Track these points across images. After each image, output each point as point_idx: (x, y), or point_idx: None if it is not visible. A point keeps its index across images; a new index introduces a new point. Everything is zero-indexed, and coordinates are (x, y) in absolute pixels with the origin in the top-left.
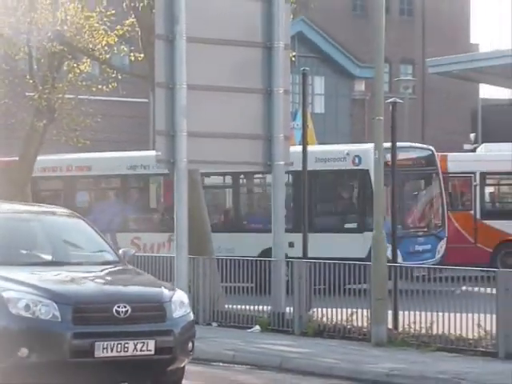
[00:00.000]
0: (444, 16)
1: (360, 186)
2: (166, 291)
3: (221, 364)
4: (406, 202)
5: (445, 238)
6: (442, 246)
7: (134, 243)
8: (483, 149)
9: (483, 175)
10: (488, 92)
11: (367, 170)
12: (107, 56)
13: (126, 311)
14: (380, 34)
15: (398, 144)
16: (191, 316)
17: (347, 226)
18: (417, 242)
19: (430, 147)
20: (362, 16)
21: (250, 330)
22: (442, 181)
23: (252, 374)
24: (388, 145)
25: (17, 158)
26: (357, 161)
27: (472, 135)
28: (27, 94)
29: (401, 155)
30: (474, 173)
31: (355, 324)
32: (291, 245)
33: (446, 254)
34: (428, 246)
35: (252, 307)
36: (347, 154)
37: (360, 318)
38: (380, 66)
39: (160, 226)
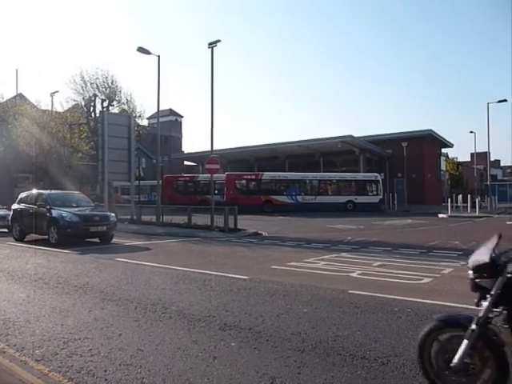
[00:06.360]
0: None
1: None
2: (108, 213)
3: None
4: None
5: None
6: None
7: None
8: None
9: None
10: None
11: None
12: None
13: (98, 218)
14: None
15: None
16: (115, 220)
17: None
18: None
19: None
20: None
21: (125, 223)
22: None
23: (135, 237)
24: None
25: None
26: None
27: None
28: None
29: None
30: None
31: (153, 220)
32: None
33: None
34: None
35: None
36: None
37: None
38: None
39: None
